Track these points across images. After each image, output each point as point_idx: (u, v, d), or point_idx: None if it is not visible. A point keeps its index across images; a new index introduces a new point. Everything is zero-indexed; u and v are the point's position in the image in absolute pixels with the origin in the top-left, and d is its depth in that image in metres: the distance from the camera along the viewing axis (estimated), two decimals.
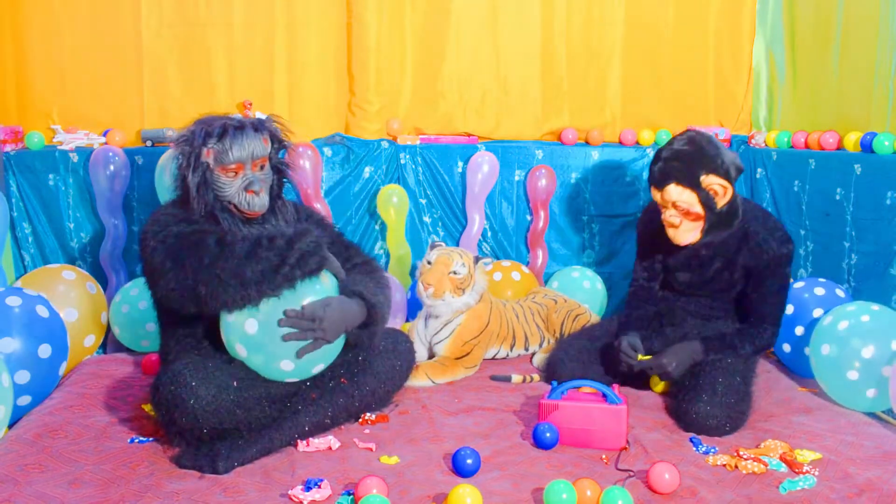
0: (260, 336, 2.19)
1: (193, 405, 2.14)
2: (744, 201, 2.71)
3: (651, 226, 2.82)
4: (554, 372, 2.86)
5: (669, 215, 2.62)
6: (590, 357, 2.84)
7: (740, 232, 2.65)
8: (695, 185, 2.55)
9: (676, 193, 2.57)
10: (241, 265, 2.13)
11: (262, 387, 2.29)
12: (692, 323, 2.81)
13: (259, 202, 2.36)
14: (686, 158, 2.56)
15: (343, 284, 2.35)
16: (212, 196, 2.33)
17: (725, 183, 2.56)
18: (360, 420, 2.52)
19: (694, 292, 2.82)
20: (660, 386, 2.79)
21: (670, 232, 2.65)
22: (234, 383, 2.22)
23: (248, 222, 2.38)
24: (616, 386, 2.44)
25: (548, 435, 2.32)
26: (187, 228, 2.27)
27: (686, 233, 2.63)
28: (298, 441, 2.32)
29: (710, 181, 2.55)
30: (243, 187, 2.33)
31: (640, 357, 2.66)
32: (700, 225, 2.61)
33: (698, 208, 2.57)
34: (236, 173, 2.32)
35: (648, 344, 2.78)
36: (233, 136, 2.30)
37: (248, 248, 2.15)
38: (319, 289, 2.25)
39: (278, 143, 2.45)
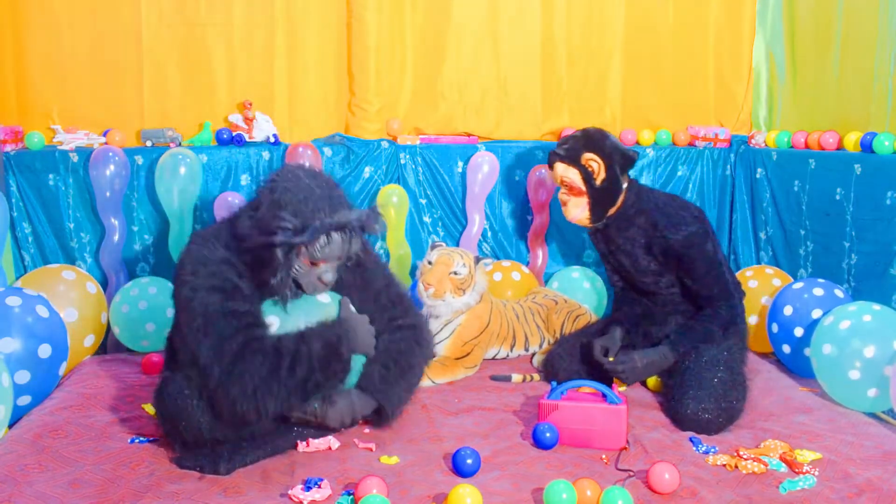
0: None
1: (199, 419, 2.14)
2: (649, 191, 2.91)
3: (592, 235, 3.05)
4: (551, 369, 2.91)
5: (560, 194, 2.96)
6: (584, 354, 2.86)
7: (647, 223, 2.82)
8: (576, 162, 2.86)
9: (562, 170, 2.90)
10: (273, 382, 2.11)
11: None
12: (674, 321, 2.83)
13: (324, 290, 2.30)
14: (572, 141, 2.91)
15: (362, 375, 2.36)
16: (286, 276, 2.22)
17: (599, 160, 2.83)
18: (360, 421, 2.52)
19: (648, 288, 2.90)
20: (659, 385, 2.80)
21: (563, 211, 2.97)
22: None
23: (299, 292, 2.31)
24: (615, 386, 2.44)
25: (548, 435, 2.31)
26: (232, 310, 2.16)
27: (574, 209, 2.92)
28: (298, 441, 2.32)
29: (588, 157, 2.85)
30: (318, 276, 2.26)
31: (611, 358, 2.72)
32: (585, 201, 2.89)
33: (580, 184, 2.86)
34: (317, 266, 2.25)
35: (634, 340, 2.86)
36: (337, 241, 2.20)
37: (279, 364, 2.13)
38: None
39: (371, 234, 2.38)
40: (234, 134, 3.54)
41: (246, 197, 3.49)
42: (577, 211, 2.91)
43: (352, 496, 1.98)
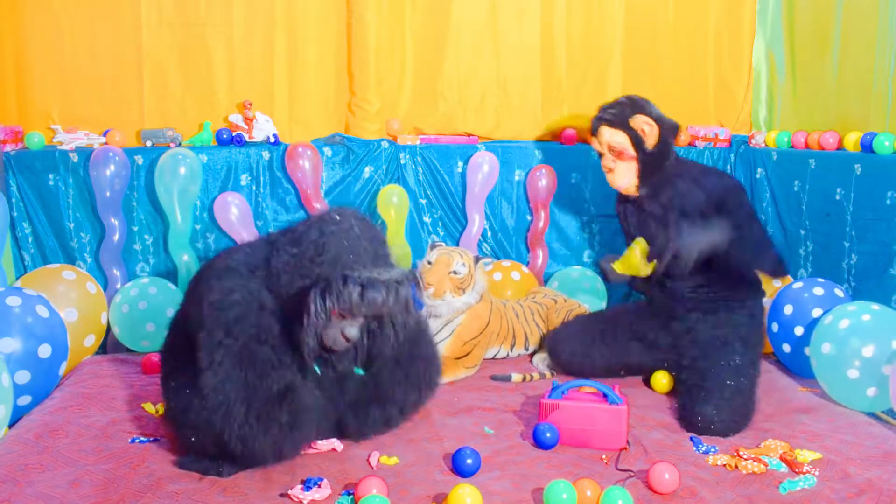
0: None
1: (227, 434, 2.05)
2: (687, 161, 2.90)
3: (620, 208, 2.99)
4: (554, 350, 2.92)
5: (606, 161, 2.85)
6: (592, 338, 2.88)
7: (688, 182, 2.75)
8: (624, 126, 2.78)
9: (609, 135, 2.82)
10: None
11: None
12: (695, 317, 2.81)
13: (345, 345, 2.13)
14: (618, 106, 2.84)
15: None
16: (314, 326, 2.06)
17: (651, 121, 2.77)
18: None
19: (679, 271, 2.78)
20: (663, 386, 2.80)
21: (609, 178, 2.87)
22: None
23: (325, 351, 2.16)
24: (616, 386, 2.45)
25: (548, 435, 2.31)
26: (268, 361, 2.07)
27: (622, 177, 2.83)
28: None
29: (638, 120, 2.78)
30: (342, 330, 2.10)
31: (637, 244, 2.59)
32: (634, 167, 2.80)
33: (630, 149, 2.78)
34: (343, 318, 2.09)
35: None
36: (369, 298, 2.00)
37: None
38: None
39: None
40: (234, 134, 3.54)
41: (246, 197, 3.50)
42: (626, 179, 2.82)
43: (352, 496, 1.98)
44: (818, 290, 2.94)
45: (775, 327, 3.02)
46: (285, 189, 3.58)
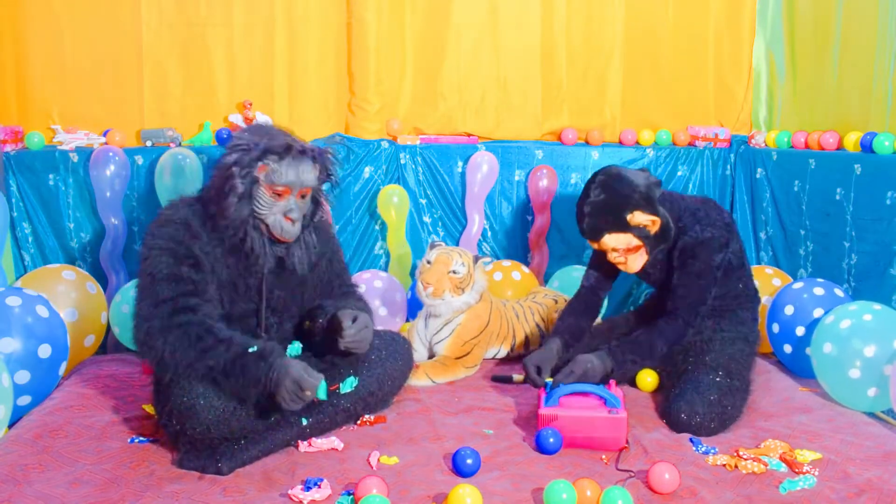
0: None
1: (208, 416, 2.11)
2: (680, 198, 2.72)
3: None
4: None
5: (614, 258, 2.68)
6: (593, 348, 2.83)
7: (679, 229, 2.66)
8: (625, 228, 2.59)
9: (613, 241, 2.62)
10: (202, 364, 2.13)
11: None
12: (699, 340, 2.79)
13: (293, 231, 2.30)
14: (607, 208, 2.59)
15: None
16: (248, 211, 2.26)
17: (652, 217, 2.59)
18: (359, 422, 2.52)
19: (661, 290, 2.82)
20: (648, 385, 2.81)
21: (621, 268, 2.72)
22: None
23: (273, 243, 2.32)
24: (613, 382, 2.44)
25: (551, 440, 2.29)
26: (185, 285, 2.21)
27: (634, 262, 2.68)
28: (300, 441, 2.32)
29: (638, 219, 2.59)
30: (282, 212, 2.28)
31: (548, 378, 2.57)
32: (643, 251, 2.65)
33: (636, 242, 2.62)
34: (280, 196, 2.27)
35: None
36: (292, 160, 2.26)
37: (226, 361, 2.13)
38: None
39: (326, 176, 2.41)
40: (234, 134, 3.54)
41: None
42: (639, 262, 2.67)
43: (352, 496, 1.98)
44: (818, 290, 2.94)
45: (775, 328, 3.02)
46: None
